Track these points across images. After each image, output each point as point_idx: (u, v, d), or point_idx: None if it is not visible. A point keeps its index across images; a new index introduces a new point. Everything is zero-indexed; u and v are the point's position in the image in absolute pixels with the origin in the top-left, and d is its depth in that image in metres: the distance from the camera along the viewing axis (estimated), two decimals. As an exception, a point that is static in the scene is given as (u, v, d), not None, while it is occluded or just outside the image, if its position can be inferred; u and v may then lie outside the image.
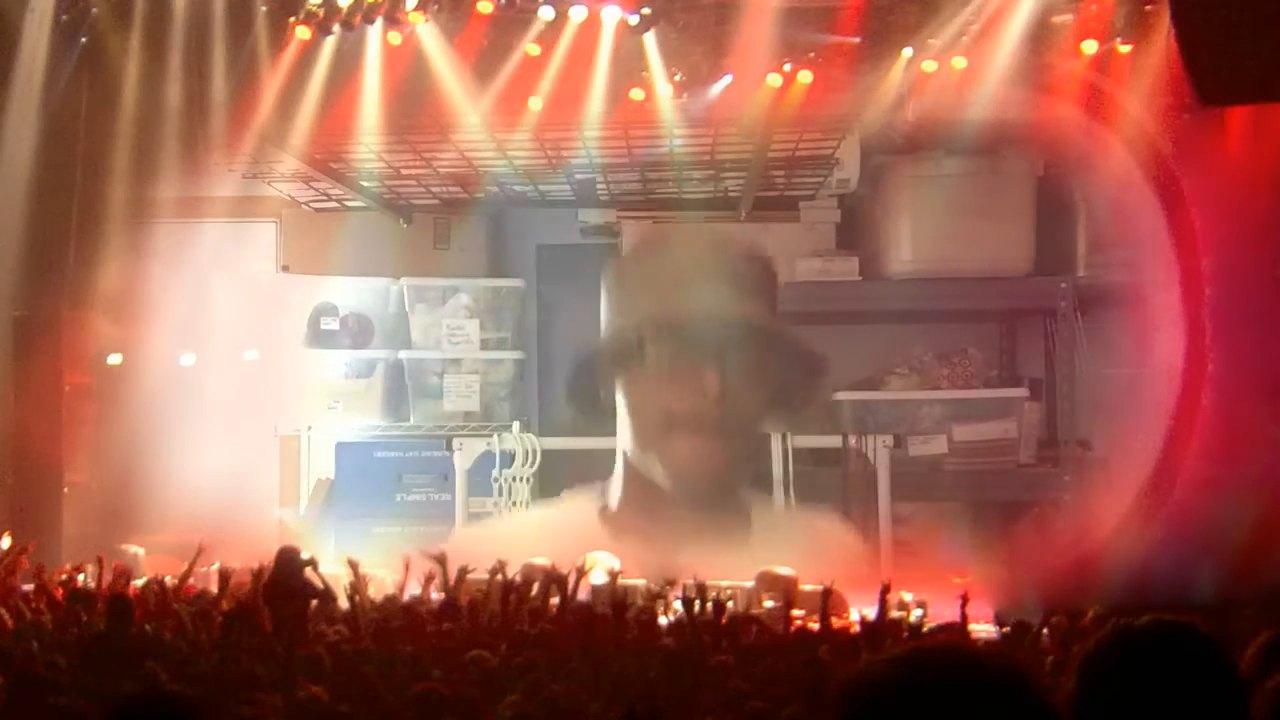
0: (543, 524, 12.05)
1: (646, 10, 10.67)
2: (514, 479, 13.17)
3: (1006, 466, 13.59)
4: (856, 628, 8.29)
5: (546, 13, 10.66)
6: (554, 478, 13.88)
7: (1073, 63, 11.14)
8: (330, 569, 9.18)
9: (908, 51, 11.08)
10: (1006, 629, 8.49)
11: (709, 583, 8.58)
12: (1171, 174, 11.03)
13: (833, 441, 13.20)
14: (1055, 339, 13.55)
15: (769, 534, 11.83)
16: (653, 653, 6.91)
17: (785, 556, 10.76)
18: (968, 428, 13.54)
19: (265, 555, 8.77)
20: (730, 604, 8.88)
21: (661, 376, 11.89)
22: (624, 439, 12.63)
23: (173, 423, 12.90)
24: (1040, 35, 10.81)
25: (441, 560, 8.88)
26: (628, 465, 12.69)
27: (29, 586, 9.04)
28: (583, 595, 8.99)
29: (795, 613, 8.92)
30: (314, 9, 10.72)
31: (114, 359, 13.43)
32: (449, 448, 13.22)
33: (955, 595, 8.50)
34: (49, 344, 12.40)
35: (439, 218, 15.03)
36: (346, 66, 11.25)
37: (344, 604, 8.29)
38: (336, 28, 10.78)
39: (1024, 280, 13.68)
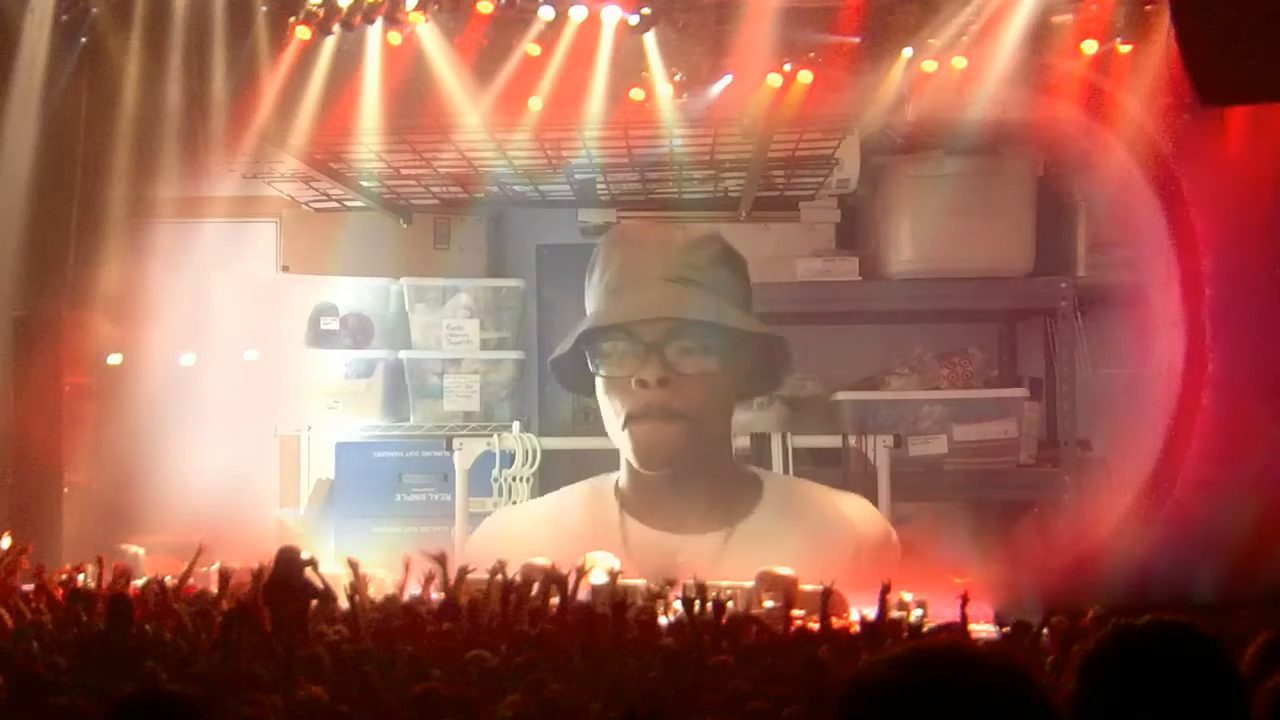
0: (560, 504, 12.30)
1: (646, 10, 10.67)
2: (514, 479, 13.15)
3: (1006, 466, 13.56)
4: (856, 628, 8.29)
5: (546, 13, 10.66)
6: (554, 478, 13.87)
7: (1073, 63, 11.14)
8: (330, 569, 9.17)
9: (908, 51, 11.07)
10: (1006, 629, 8.48)
11: (709, 583, 8.60)
12: (1171, 174, 11.03)
13: (833, 441, 13.18)
14: (1055, 339, 13.53)
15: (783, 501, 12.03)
16: (653, 653, 6.90)
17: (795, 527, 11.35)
18: (968, 428, 13.53)
19: (265, 555, 8.76)
20: (730, 604, 8.88)
21: None
22: None
23: (173, 423, 12.87)
24: (1040, 35, 10.80)
25: (441, 560, 8.88)
26: None
27: (29, 586, 9.04)
28: (583, 595, 9.00)
29: (795, 613, 8.92)
30: (314, 9, 10.72)
31: (114, 359, 13.41)
32: (449, 448, 13.20)
33: (955, 595, 8.50)
34: (49, 344, 12.38)
35: (439, 218, 15.02)
36: (346, 66, 11.25)
37: (344, 604, 8.29)
38: (336, 28, 10.78)
39: (1024, 280, 13.66)
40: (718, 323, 11.61)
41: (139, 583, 9.61)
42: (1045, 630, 7.74)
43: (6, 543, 10.23)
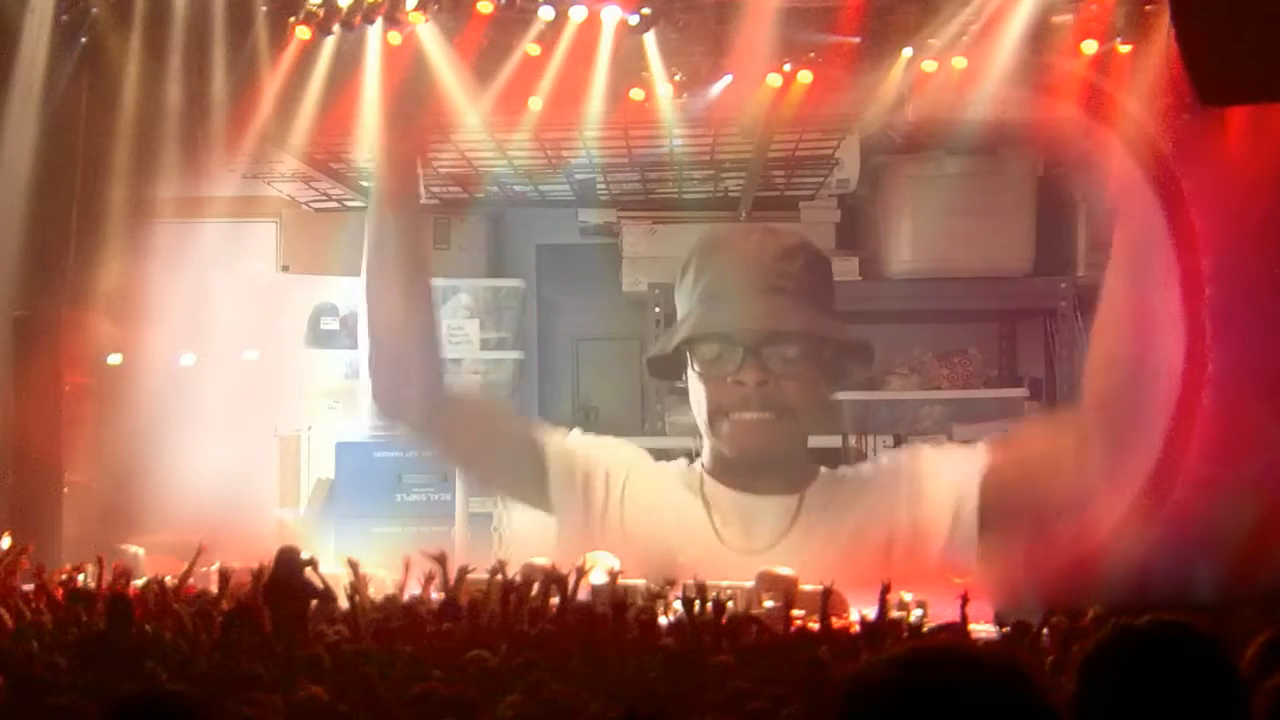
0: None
1: (646, 10, 10.68)
2: (514, 479, 13.14)
3: (1006, 466, 13.55)
4: (856, 628, 8.29)
5: (546, 13, 10.67)
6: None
7: (1073, 63, 11.14)
8: (330, 569, 9.18)
9: (908, 51, 11.09)
10: (1006, 629, 8.48)
11: (709, 583, 8.60)
12: (1171, 174, 11.02)
13: (833, 441, 13.19)
14: (1055, 339, 13.56)
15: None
16: (653, 653, 6.90)
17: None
18: (968, 428, 13.54)
19: (265, 555, 8.77)
20: (730, 604, 8.88)
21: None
22: None
23: (173, 423, 12.87)
24: (1040, 35, 10.81)
25: (442, 560, 8.88)
26: None
27: (29, 586, 9.03)
28: (583, 595, 8.99)
29: (795, 613, 8.92)
30: (314, 9, 10.73)
31: (114, 359, 13.40)
32: (449, 448, 13.20)
33: (955, 595, 8.50)
34: (49, 344, 12.37)
35: (439, 218, 15.03)
36: (346, 66, 11.25)
37: (344, 604, 8.29)
38: (336, 28, 10.79)
39: (1024, 280, 13.69)
40: (811, 332, 12.41)
41: (139, 583, 9.60)
42: (1045, 630, 7.73)
43: (6, 543, 10.23)
